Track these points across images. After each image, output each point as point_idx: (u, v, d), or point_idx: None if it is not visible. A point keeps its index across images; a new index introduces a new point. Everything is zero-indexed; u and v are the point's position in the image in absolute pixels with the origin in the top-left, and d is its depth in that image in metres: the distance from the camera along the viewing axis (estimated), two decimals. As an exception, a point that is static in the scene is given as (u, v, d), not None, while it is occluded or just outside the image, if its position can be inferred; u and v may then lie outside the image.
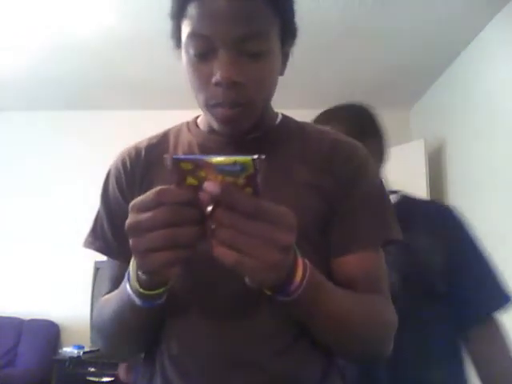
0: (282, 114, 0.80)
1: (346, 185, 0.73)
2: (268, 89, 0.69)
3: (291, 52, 0.74)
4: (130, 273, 0.60)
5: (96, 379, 2.91)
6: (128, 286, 0.60)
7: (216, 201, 0.48)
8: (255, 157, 0.45)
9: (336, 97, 3.86)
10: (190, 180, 0.49)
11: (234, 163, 0.46)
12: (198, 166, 0.47)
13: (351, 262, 0.71)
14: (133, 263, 0.60)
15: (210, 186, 0.47)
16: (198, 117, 0.82)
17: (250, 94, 0.66)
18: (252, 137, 0.73)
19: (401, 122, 3.72)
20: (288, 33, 0.70)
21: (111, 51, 2.88)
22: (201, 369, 0.68)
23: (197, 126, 0.80)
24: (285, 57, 0.72)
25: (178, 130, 0.80)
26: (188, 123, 0.81)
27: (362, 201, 0.73)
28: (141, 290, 0.59)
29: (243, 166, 0.46)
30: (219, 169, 0.47)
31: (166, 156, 0.48)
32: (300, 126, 0.79)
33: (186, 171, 0.48)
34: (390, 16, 2.51)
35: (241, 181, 0.48)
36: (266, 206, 0.49)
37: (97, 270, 3.17)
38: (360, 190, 0.73)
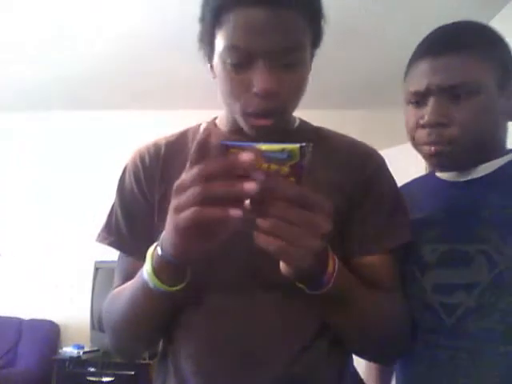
0: (300, 119, 0.82)
1: (364, 187, 0.75)
2: (300, 96, 0.71)
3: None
4: (148, 265, 0.61)
5: (96, 379, 2.91)
6: (145, 273, 0.61)
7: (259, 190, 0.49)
8: (303, 144, 0.48)
9: (336, 97, 3.88)
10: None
11: (282, 150, 0.48)
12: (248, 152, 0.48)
13: (369, 263, 0.73)
14: (151, 254, 0.61)
15: (257, 174, 0.48)
16: (215, 118, 0.82)
17: (286, 102, 0.68)
18: (273, 139, 0.74)
19: (401, 122, 3.71)
20: (318, 39, 0.72)
21: (112, 51, 2.88)
22: (218, 367, 0.69)
23: (215, 126, 0.81)
24: (312, 58, 0.74)
25: (196, 130, 0.81)
26: (207, 124, 0.82)
27: (379, 203, 0.75)
28: (159, 285, 0.60)
29: (290, 154, 0.48)
30: (267, 156, 0.48)
31: (217, 142, 0.49)
32: (316, 130, 0.82)
33: None
34: (389, 15, 2.52)
35: (285, 169, 0.50)
36: (308, 193, 0.51)
37: (97, 270, 3.16)
38: (377, 192, 0.76)
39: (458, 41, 0.83)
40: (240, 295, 0.69)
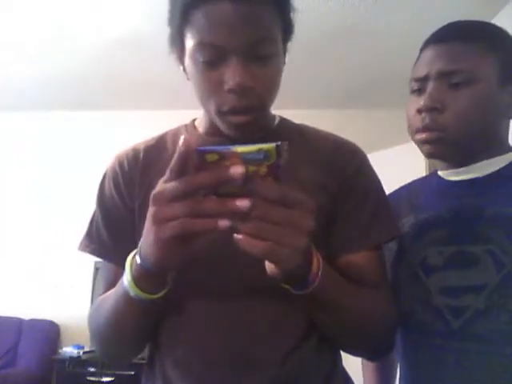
0: (280, 116, 0.81)
1: (348, 184, 0.74)
2: (276, 89, 0.70)
3: (288, 50, 0.74)
4: (128, 275, 0.60)
5: (96, 379, 2.91)
6: (125, 282, 0.60)
7: (239, 194, 0.49)
8: (279, 143, 0.47)
9: (335, 97, 3.88)
10: None
11: (259, 151, 0.47)
12: (223, 156, 0.48)
13: (355, 261, 0.73)
14: (130, 263, 0.60)
15: (236, 173, 0.48)
16: (195, 119, 0.82)
17: (262, 97, 0.66)
18: (252, 138, 0.73)
19: (401, 121, 3.70)
20: (289, 32, 0.71)
21: (112, 51, 2.88)
22: (207, 372, 0.68)
23: (195, 128, 0.80)
24: (285, 53, 0.73)
25: (175, 133, 0.80)
26: (186, 126, 0.81)
27: (363, 200, 0.75)
28: (139, 293, 0.59)
29: (266, 154, 0.48)
30: (243, 158, 0.48)
31: (183, 147, 0.48)
32: (298, 128, 0.80)
33: (210, 163, 0.48)
34: (390, 16, 2.51)
35: (263, 169, 0.49)
36: (289, 192, 0.50)
37: (97, 270, 3.17)
38: (361, 190, 0.75)
39: (463, 31, 0.83)
40: (225, 299, 0.68)
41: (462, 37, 0.81)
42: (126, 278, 0.60)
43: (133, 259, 0.59)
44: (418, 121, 0.82)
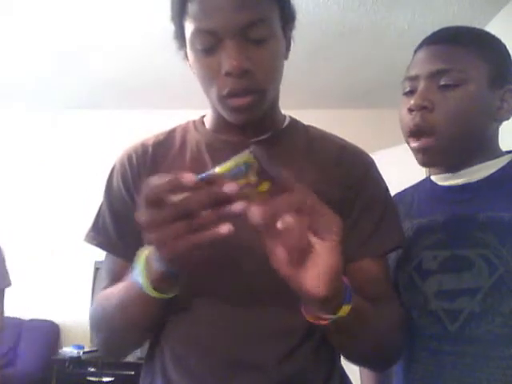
0: (290, 117, 0.81)
1: (354, 191, 0.74)
2: (276, 74, 0.70)
3: (293, 37, 0.74)
4: (142, 277, 0.60)
5: (96, 379, 2.91)
6: (141, 282, 0.61)
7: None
8: (251, 149, 0.47)
9: (336, 97, 3.87)
10: None
11: (236, 164, 0.47)
12: (210, 181, 0.48)
13: (362, 268, 0.72)
14: (145, 265, 0.60)
15: (238, 200, 0.48)
16: (204, 116, 0.82)
17: (260, 79, 0.66)
18: (260, 138, 0.73)
19: (401, 122, 3.71)
20: (287, 16, 0.71)
21: (112, 51, 2.88)
22: (206, 368, 0.68)
23: (203, 125, 0.80)
24: (288, 42, 0.73)
25: (184, 129, 0.80)
26: (195, 122, 0.81)
27: (370, 206, 0.74)
28: (155, 293, 0.60)
29: (246, 164, 0.47)
30: (228, 176, 0.47)
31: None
32: (306, 130, 0.80)
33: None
34: (389, 16, 2.52)
35: (252, 178, 0.48)
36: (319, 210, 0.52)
37: (97, 270, 3.17)
38: (368, 196, 0.74)
39: (455, 34, 0.85)
40: (226, 299, 0.68)
41: (454, 40, 0.83)
42: (142, 281, 0.60)
43: (146, 261, 0.60)
44: (409, 120, 0.84)
